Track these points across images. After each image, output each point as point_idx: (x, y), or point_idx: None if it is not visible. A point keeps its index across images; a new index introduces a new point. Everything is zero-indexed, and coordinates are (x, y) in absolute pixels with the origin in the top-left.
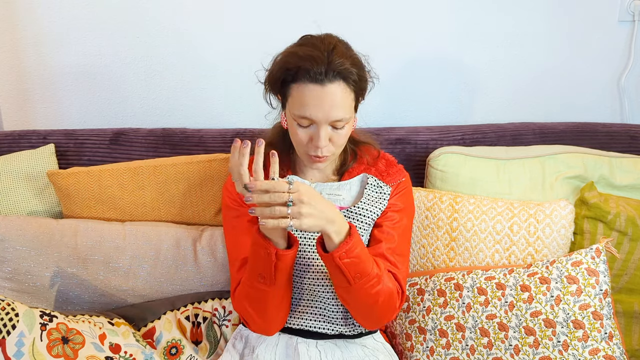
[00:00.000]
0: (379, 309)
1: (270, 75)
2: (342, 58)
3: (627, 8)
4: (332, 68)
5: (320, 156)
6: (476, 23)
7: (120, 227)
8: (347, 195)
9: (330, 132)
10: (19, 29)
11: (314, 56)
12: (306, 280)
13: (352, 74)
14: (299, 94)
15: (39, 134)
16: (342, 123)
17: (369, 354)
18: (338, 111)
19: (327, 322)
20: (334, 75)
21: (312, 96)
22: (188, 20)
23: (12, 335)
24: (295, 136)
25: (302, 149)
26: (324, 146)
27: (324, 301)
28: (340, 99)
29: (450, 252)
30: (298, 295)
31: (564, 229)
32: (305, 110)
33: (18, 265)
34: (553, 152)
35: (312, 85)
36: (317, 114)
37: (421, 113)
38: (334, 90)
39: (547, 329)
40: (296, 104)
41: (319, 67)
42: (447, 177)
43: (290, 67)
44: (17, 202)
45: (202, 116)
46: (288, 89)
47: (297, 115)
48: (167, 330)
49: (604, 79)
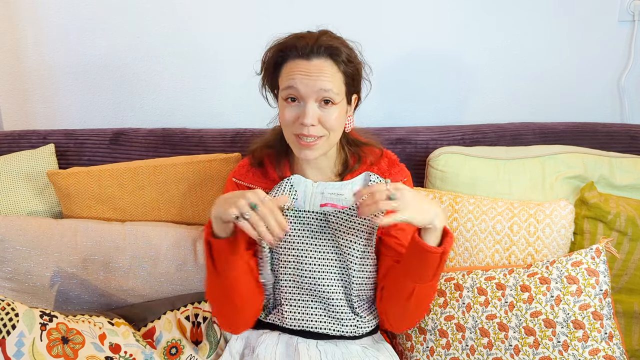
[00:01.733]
0: (428, 307)
1: (264, 65)
2: (332, 38)
3: (627, 8)
4: (319, 43)
5: (307, 135)
6: (476, 23)
7: (120, 227)
8: (349, 195)
9: (318, 110)
10: (19, 29)
11: (304, 36)
12: (306, 280)
13: (341, 52)
14: (287, 71)
15: (39, 134)
16: (330, 97)
17: (370, 355)
18: (324, 82)
19: (329, 322)
20: (322, 51)
21: (298, 69)
22: (188, 20)
23: (12, 335)
24: (283, 118)
25: (289, 130)
26: (310, 123)
27: (325, 301)
28: (328, 73)
29: (450, 252)
30: (298, 294)
31: (564, 229)
32: (291, 82)
33: (18, 265)
34: (553, 152)
35: (298, 60)
36: (303, 86)
37: (421, 113)
38: (321, 64)
39: (547, 329)
40: (284, 81)
41: (306, 44)
42: (447, 177)
43: (280, 48)
44: (17, 202)
45: (202, 116)
46: (279, 72)
47: (284, 87)
48: (167, 330)
49: (604, 79)
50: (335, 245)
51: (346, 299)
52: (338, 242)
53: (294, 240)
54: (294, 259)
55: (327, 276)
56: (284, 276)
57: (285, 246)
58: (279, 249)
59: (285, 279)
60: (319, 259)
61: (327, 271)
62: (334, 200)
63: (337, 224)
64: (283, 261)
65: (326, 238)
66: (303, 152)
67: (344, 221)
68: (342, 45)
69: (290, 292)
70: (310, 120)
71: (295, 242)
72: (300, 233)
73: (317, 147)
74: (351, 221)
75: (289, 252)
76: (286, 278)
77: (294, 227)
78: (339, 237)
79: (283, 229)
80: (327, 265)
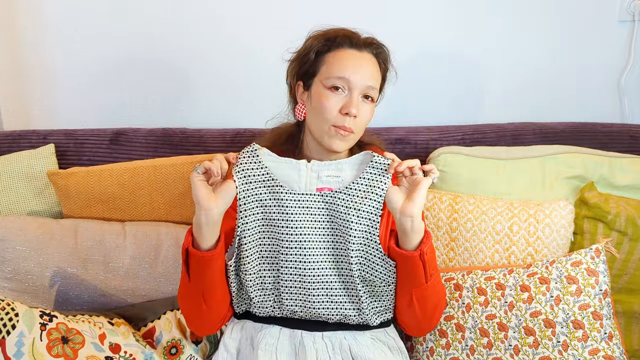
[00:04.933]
0: (439, 308)
1: (305, 51)
2: (378, 42)
3: (627, 8)
4: (369, 41)
5: (347, 127)
6: (476, 23)
7: (120, 227)
8: (346, 176)
9: (360, 103)
10: (19, 29)
11: (353, 30)
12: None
13: (384, 54)
14: (336, 59)
15: (39, 134)
16: (373, 94)
17: (378, 347)
18: (371, 79)
19: (330, 308)
20: (371, 48)
21: (351, 58)
22: (188, 20)
23: (12, 335)
24: (323, 106)
25: (328, 119)
26: (354, 114)
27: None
28: (375, 69)
29: (449, 252)
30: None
31: (564, 229)
32: (345, 71)
33: (18, 265)
34: (553, 152)
35: (351, 50)
36: (355, 75)
37: (421, 113)
38: (370, 59)
39: (546, 329)
40: (334, 68)
41: (358, 37)
42: (447, 177)
43: (329, 36)
44: (17, 202)
45: (202, 116)
46: (322, 59)
47: (334, 76)
48: (167, 330)
49: (604, 79)
50: (335, 227)
51: (342, 281)
52: (337, 223)
53: (295, 225)
54: (296, 244)
55: (327, 259)
56: (284, 262)
57: (285, 232)
58: (280, 235)
59: (286, 265)
60: (319, 242)
61: (327, 253)
62: (331, 184)
63: (336, 204)
64: (284, 245)
65: (326, 220)
66: (336, 143)
67: (343, 201)
68: (385, 48)
69: (291, 279)
70: (355, 111)
71: (297, 227)
72: (300, 217)
73: (348, 139)
74: (350, 200)
75: (290, 238)
76: (287, 265)
77: (294, 211)
78: (338, 217)
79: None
80: (327, 248)
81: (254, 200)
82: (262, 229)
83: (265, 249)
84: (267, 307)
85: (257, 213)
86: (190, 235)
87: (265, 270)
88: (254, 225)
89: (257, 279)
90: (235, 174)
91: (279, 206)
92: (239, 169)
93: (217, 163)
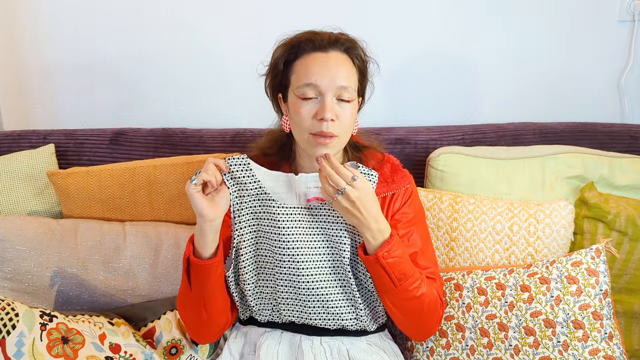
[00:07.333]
0: (425, 314)
1: (273, 63)
2: (346, 36)
3: (627, 8)
4: (335, 38)
5: (325, 133)
6: (476, 23)
7: (120, 227)
8: None
9: (335, 105)
10: (19, 29)
11: (318, 32)
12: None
13: (356, 48)
14: (302, 66)
15: (39, 134)
16: (348, 94)
17: (375, 352)
18: (343, 79)
19: (327, 319)
20: (338, 46)
21: (316, 63)
22: (188, 20)
23: (12, 335)
24: (298, 116)
25: (305, 129)
26: (330, 118)
27: (321, 297)
28: (345, 68)
29: (450, 252)
30: (295, 294)
31: (564, 229)
32: (310, 77)
33: (18, 265)
34: (553, 152)
35: (315, 54)
36: (322, 79)
37: (421, 113)
38: (338, 57)
39: (547, 329)
40: (301, 76)
41: (322, 38)
42: (447, 177)
43: (293, 43)
44: (17, 202)
45: (202, 116)
46: (291, 68)
47: (302, 84)
48: (167, 330)
49: (604, 79)
50: (327, 239)
51: (343, 292)
52: (329, 234)
53: (288, 240)
54: (289, 258)
55: (322, 271)
56: (279, 275)
57: (279, 245)
58: (274, 248)
59: (282, 278)
60: (313, 255)
61: (321, 266)
62: (320, 194)
63: (326, 216)
64: (278, 260)
65: (318, 233)
66: (319, 149)
67: (331, 211)
68: (357, 43)
69: (287, 291)
70: (331, 115)
71: (290, 241)
72: (293, 230)
73: (332, 144)
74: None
75: (283, 252)
76: (283, 278)
77: (286, 225)
78: (329, 229)
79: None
80: (321, 261)
81: (248, 213)
82: (257, 240)
83: (261, 259)
84: (266, 315)
85: (252, 225)
86: (191, 244)
87: (262, 280)
88: (249, 237)
89: (256, 289)
90: (228, 182)
91: (271, 220)
92: (233, 180)
93: (212, 173)
